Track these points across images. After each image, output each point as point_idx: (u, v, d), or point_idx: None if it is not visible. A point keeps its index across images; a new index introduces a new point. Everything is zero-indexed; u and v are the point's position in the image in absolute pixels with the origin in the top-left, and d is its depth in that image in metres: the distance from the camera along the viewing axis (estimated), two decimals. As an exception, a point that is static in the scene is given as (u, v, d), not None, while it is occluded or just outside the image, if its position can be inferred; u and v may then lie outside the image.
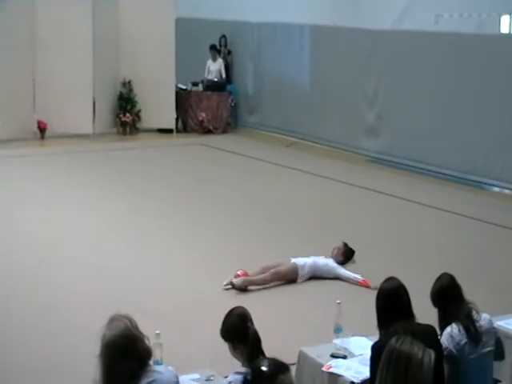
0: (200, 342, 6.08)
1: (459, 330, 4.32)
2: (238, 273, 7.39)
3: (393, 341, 3.11)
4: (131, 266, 7.97)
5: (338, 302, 4.85)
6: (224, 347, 3.99)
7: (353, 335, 4.82)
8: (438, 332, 4.36)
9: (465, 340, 4.31)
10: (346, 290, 7.00)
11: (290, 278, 7.49)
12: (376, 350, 3.94)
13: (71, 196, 10.70)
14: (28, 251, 8.42)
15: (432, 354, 3.06)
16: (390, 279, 4.33)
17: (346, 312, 4.94)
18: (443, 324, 4.43)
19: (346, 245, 7.89)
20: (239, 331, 3.82)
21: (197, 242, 8.75)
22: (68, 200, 10.49)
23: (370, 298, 4.28)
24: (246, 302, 6.62)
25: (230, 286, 7.24)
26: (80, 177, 11.90)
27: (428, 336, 4.05)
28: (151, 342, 3.68)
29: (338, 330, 4.84)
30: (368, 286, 7.07)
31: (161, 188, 11.28)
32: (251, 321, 3.94)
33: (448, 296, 4.41)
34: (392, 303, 4.18)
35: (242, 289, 7.25)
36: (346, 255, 7.85)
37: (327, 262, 7.62)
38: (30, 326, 6.54)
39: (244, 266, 7.46)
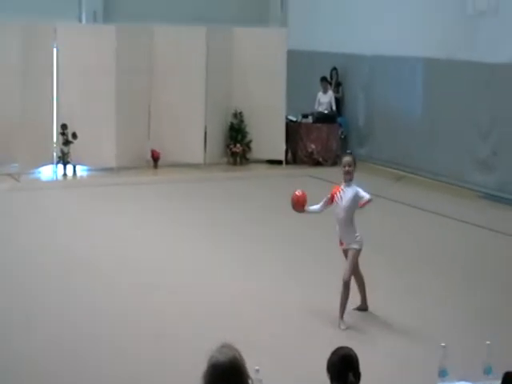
0: (302, 377, 6.03)
1: None
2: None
3: None
4: (237, 295, 8.06)
5: (443, 344, 4.71)
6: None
7: (458, 380, 4.67)
8: None
9: None
10: (451, 333, 6.79)
11: None
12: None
13: (182, 223, 10.96)
14: (137, 276, 8.68)
15: None
16: None
17: (452, 355, 4.78)
18: None
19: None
20: (338, 374, 3.72)
21: (307, 274, 8.76)
22: (178, 227, 10.72)
23: (478, 341, 4.12)
24: (352, 339, 6.57)
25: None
26: (191, 206, 12.19)
27: None
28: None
29: (443, 374, 4.69)
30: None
31: (269, 217, 11.43)
32: (355, 367, 3.77)
33: None
34: None
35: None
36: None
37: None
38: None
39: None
